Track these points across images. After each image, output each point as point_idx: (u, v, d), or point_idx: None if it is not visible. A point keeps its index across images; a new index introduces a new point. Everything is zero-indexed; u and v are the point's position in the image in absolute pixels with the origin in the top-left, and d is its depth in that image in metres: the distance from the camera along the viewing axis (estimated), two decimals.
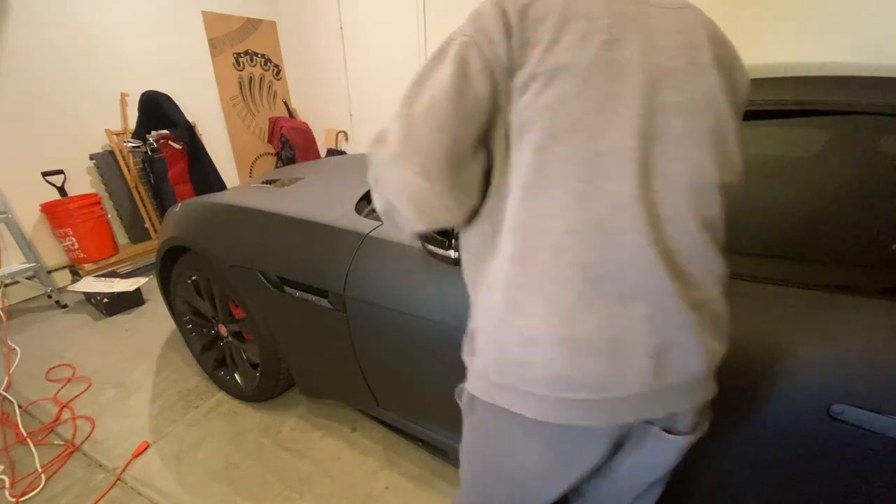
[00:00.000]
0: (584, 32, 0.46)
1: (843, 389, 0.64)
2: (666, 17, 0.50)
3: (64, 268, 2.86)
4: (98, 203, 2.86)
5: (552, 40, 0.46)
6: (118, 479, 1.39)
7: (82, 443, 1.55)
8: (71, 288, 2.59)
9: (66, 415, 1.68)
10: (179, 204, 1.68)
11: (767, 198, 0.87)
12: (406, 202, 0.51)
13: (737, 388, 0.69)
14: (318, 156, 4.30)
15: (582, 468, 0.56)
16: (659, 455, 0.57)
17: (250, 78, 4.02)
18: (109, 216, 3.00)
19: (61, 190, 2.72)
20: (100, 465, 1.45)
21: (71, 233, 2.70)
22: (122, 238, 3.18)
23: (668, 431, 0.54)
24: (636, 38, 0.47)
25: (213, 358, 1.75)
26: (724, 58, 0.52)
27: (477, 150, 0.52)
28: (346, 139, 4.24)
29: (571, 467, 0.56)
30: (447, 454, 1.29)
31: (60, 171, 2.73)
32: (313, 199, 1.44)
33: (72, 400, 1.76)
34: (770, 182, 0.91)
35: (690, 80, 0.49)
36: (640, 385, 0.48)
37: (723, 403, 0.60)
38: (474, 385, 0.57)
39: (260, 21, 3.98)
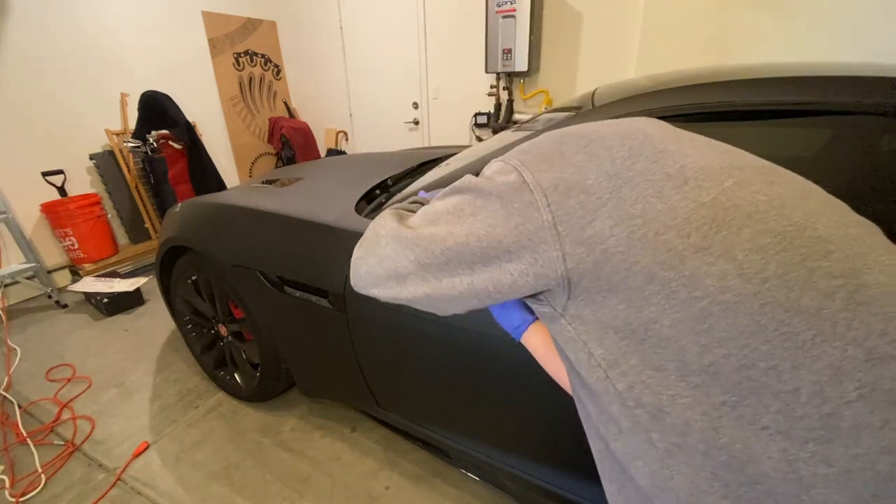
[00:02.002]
0: None
1: None
2: None
3: (64, 268, 2.86)
4: (98, 203, 2.86)
5: None
6: (118, 479, 1.39)
7: (82, 443, 1.55)
8: (71, 288, 2.59)
9: (66, 415, 1.68)
10: (179, 204, 1.68)
11: None
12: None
13: None
14: (318, 156, 4.30)
15: None
16: None
17: (250, 78, 4.03)
18: (109, 216, 3.01)
19: (61, 190, 2.72)
20: (100, 465, 1.45)
21: (71, 233, 2.70)
22: (122, 238, 3.18)
23: None
24: None
25: (213, 358, 1.75)
26: None
27: None
28: (346, 139, 4.24)
29: None
30: (447, 454, 1.29)
31: (60, 171, 2.73)
32: (313, 199, 1.44)
33: (72, 400, 1.76)
34: None
35: None
36: None
37: None
38: None
39: (260, 21, 3.98)
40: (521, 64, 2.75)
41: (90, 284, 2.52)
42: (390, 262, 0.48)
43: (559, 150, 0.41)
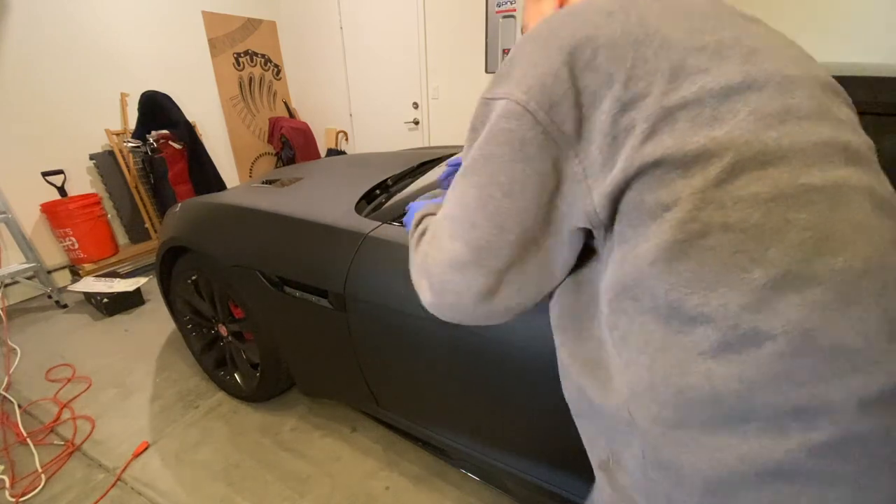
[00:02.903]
0: None
1: None
2: None
3: (64, 268, 2.86)
4: (98, 203, 2.86)
5: None
6: (118, 479, 1.39)
7: (82, 443, 1.55)
8: (71, 288, 2.58)
9: (66, 415, 1.68)
10: (179, 204, 1.68)
11: None
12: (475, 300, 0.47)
13: None
14: (318, 156, 4.30)
15: None
16: None
17: (250, 78, 4.02)
18: (109, 216, 3.00)
19: (61, 190, 2.72)
20: (100, 465, 1.45)
21: (71, 233, 2.70)
22: (122, 238, 3.18)
23: None
24: None
25: (213, 358, 1.75)
26: None
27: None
28: (346, 139, 4.24)
29: None
30: (447, 454, 1.29)
31: (60, 171, 2.73)
32: (313, 199, 1.44)
33: (72, 400, 1.76)
34: None
35: None
36: None
37: None
38: None
39: (260, 21, 3.98)
40: None
41: (90, 284, 2.52)
42: (465, 289, 0.45)
43: (551, 47, 0.39)
